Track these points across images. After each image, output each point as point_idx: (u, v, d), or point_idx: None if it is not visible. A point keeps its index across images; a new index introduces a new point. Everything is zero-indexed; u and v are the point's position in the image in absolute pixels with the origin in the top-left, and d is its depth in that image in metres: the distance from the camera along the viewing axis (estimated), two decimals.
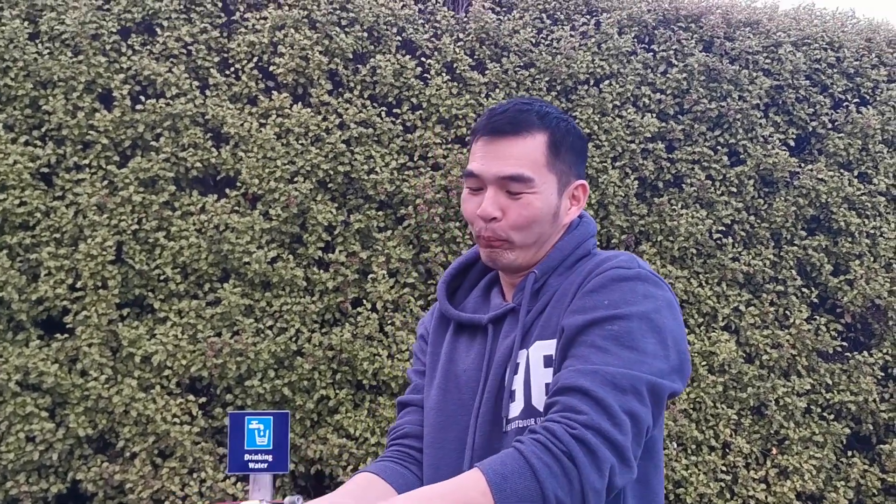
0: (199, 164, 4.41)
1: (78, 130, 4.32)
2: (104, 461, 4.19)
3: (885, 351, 5.14)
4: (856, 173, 5.26)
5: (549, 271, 1.36)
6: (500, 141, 1.33)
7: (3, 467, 4.04)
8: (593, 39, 5.03)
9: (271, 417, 3.20)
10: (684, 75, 5.04)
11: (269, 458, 3.20)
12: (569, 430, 1.12)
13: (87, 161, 4.34)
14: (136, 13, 4.49)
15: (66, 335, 4.20)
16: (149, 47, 4.50)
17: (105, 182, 4.34)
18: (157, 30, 4.51)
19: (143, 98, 4.41)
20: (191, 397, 4.28)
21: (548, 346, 1.30)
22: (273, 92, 4.58)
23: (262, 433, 3.21)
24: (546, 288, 1.35)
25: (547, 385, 1.28)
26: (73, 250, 4.25)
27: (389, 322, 4.53)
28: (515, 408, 1.31)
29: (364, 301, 4.53)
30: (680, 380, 1.24)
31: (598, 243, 4.82)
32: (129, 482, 4.12)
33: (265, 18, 4.64)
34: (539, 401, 1.28)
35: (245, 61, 4.59)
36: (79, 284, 4.21)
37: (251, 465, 3.18)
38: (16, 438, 4.03)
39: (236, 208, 4.46)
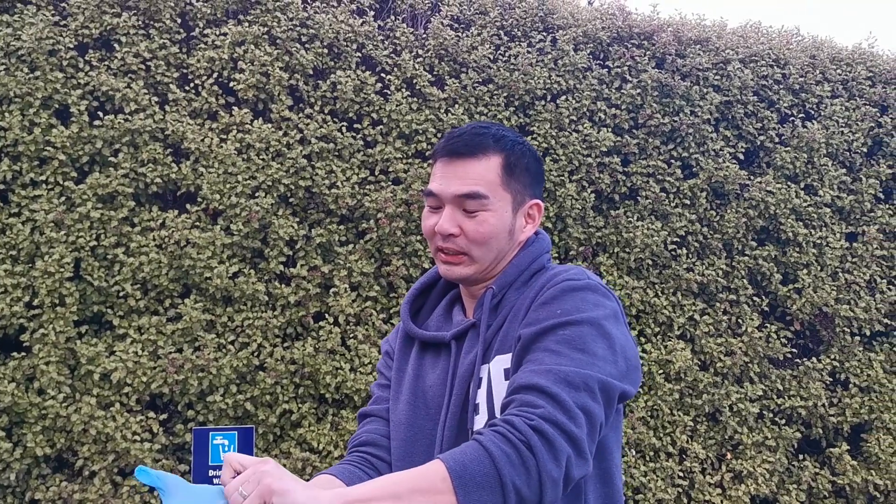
0: (158, 180, 4.39)
1: (34, 146, 4.26)
2: (63, 480, 4.11)
3: (832, 357, 5.31)
4: (802, 185, 5.44)
5: (506, 286, 1.43)
6: (457, 162, 1.42)
7: None
8: (550, 56, 5.13)
9: (236, 433, 3.20)
10: (638, 91, 5.17)
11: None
12: (527, 422, 1.18)
13: (43, 177, 4.29)
14: (94, 28, 4.46)
15: (22, 354, 4.14)
16: (107, 63, 4.47)
17: (62, 198, 4.29)
18: (115, 45, 4.49)
19: (101, 114, 4.38)
20: (151, 414, 4.24)
21: (506, 360, 1.36)
22: (233, 108, 4.58)
23: (226, 448, 3.21)
24: (504, 302, 1.42)
25: None
26: (30, 267, 4.19)
27: (352, 336, 4.55)
28: (480, 420, 1.37)
29: (326, 315, 4.54)
30: (630, 383, 1.31)
31: (555, 255, 4.92)
32: (89, 501, 4.06)
33: (225, 35, 4.64)
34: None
35: (205, 77, 4.59)
36: (36, 302, 4.15)
37: (216, 482, 3.17)
38: None
39: (197, 223, 4.45)
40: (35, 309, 4.16)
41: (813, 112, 5.60)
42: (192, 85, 4.61)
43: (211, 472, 3.19)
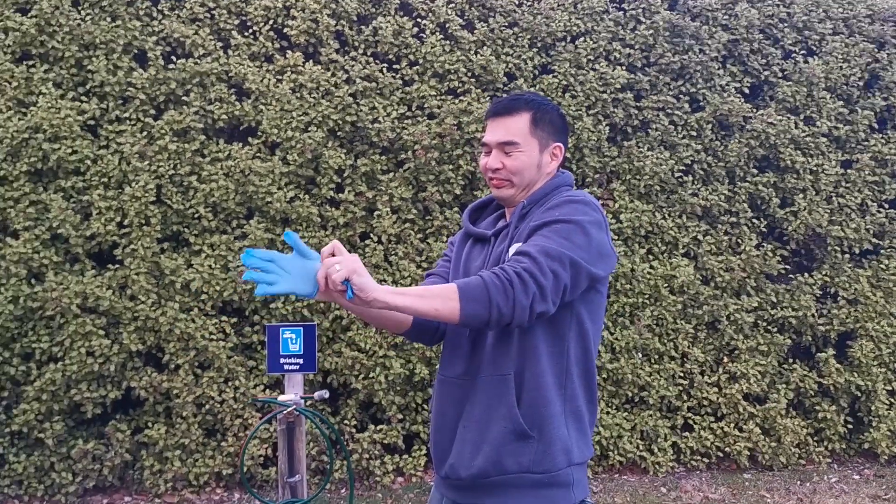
0: (224, 117, 5.02)
1: (118, 87, 4.90)
2: (153, 372, 4.86)
3: (824, 273, 5.86)
4: (801, 117, 5.90)
5: (533, 203, 2.04)
6: (498, 119, 2.05)
7: (68, 378, 4.68)
8: (570, 0, 5.61)
9: (301, 328, 3.86)
10: (651, 32, 5.64)
11: (301, 361, 3.87)
12: (513, 269, 1.80)
13: (127, 114, 4.93)
14: None
15: (116, 266, 4.84)
16: (177, 12, 5.06)
17: (143, 133, 4.94)
18: None
19: (173, 58, 4.99)
20: (224, 318, 4.95)
21: (520, 246, 2.00)
22: (287, 51, 5.16)
23: (293, 341, 3.88)
24: (530, 213, 2.04)
25: None
26: (120, 192, 4.87)
27: (393, 253, 5.21)
28: None
29: (371, 235, 5.19)
30: (599, 269, 1.91)
31: (575, 180, 5.47)
32: (176, 389, 4.81)
33: None
34: None
35: (262, 24, 5.16)
36: (126, 222, 4.83)
37: (286, 367, 3.85)
38: (78, 353, 4.66)
39: (258, 154, 5.08)
40: (125, 228, 4.84)
41: (815, 48, 6.02)
42: (250, 31, 5.19)
43: (282, 360, 3.89)
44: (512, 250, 1.98)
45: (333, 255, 1.69)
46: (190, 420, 4.83)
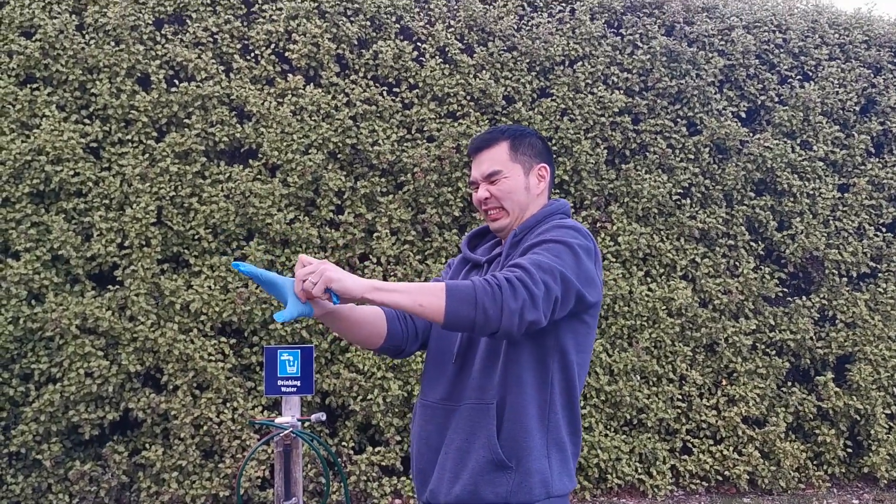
0: (225, 139, 5.07)
1: (121, 110, 4.95)
2: (151, 393, 4.85)
3: (821, 296, 5.88)
4: (798, 141, 5.95)
5: (525, 230, 2.06)
6: (479, 154, 2.11)
7: (66, 398, 4.68)
8: (568, 25, 5.67)
9: (299, 350, 3.87)
10: (648, 56, 5.70)
11: (298, 383, 3.88)
12: (504, 276, 1.80)
13: (129, 136, 4.98)
14: (169, 6, 5.11)
15: (116, 286, 4.86)
16: (180, 36, 5.12)
17: (145, 155, 4.98)
18: (187, 21, 5.14)
19: (176, 81, 5.05)
20: (223, 339, 4.97)
21: None
22: (288, 74, 5.22)
23: (291, 363, 3.89)
24: (523, 241, 2.06)
25: None
26: (121, 214, 4.90)
27: (392, 274, 5.23)
28: None
29: (370, 256, 5.22)
30: (587, 290, 1.90)
31: (572, 204, 5.52)
32: (174, 410, 4.81)
33: (280, 10, 5.26)
34: None
35: (264, 48, 5.22)
36: (126, 243, 4.86)
37: (283, 389, 3.86)
38: (76, 374, 4.66)
39: (258, 177, 5.12)
40: (125, 249, 4.87)
41: (811, 73, 6.08)
42: (252, 55, 5.25)
43: (279, 382, 3.90)
44: None
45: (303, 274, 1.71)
46: (187, 441, 4.82)
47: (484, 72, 5.46)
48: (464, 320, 1.73)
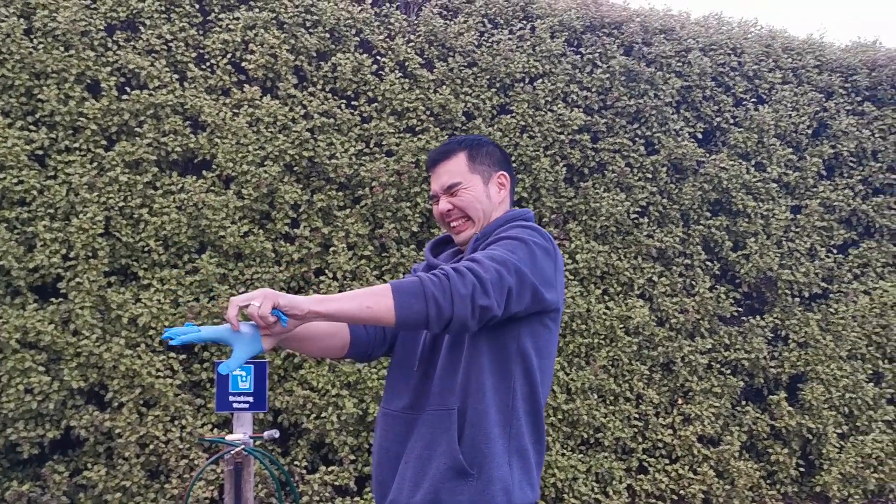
0: (178, 149, 4.94)
1: (69, 117, 4.79)
2: (95, 410, 4.67)
3: (775, 316, 5.95)
4: (753, 163, 6.03)
5: (487, 234, 2.02)
6: (437, 167, 2.09)
7: (4, 416, 4.48)
8: (529, 42, 5.68)
9: (252, 366, 3.77)
10: (607, 75, 5.74)
11: (251, 399, 3.77)
12: (452, 266, 1.77)
13: (77, 145, 4.82)
14: (121, 12, 4.98)
15: (59, 299, 4.68)
16: (133, 43, 4.99)
17: (94, 164, 4.83)
18: (141, 27, 5.01)
19: (127, 89, 4.91)
20: (172, 354, 4.81)
21: None
22: (245, 85, 5.12)
23: (244, 378, 3.78)
24: (481, 247, 2.02)
25: None
26: (66, 224, 4.73)
27: (348, 290, 5.14)
28: None
29: (326, 271, 5.12)
30: (543, 287, 1.85)
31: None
32: (118, 428, 4.63)
33: (238, 19, 5.17)
34: None
35: (220, 57, 5.11)
36: (72, 254, 4.69)
37: (235, 406, 3.74)
38: (16, 390, 4.46)
39: (212, 188, 5.00)
40: (71, 261, 4.70)
41: (765, 97, 6.18)
42: (208, 64, 5.14)
43: (231, 398, 3.78)
44: None
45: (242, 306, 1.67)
46: (132, 461, 4.65)
47: (444, 87, 5.43)
48: (415, 314, 1.68)
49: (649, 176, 5.79)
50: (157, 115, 4.94)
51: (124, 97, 4.88)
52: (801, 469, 5.85)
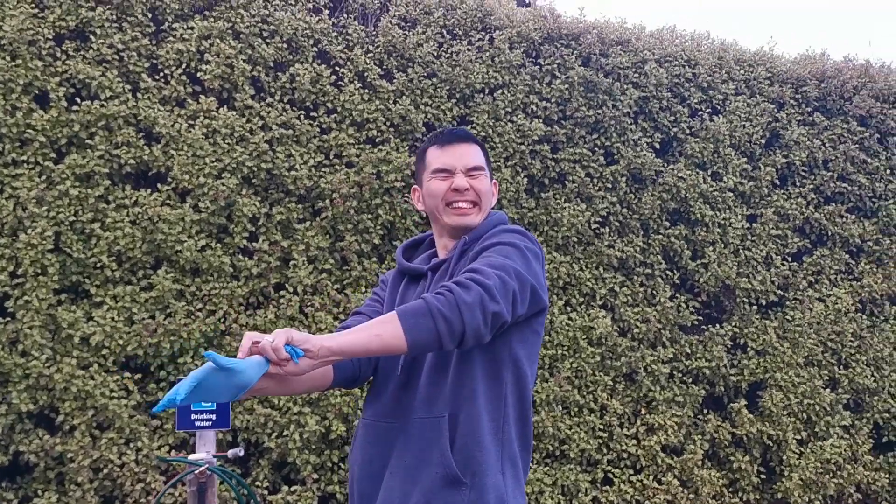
0: (132, 161, 4.78)
1: (16, 129, 4.61)
2: (45, 434, 4.47)
3: (733, 324, 6.01)
4: (709, 172, 6.11)
5: (474, 240, 1.97)
6: (461, 145, 2.03)
7: None
8: (487, 53, 5.68)
9: None
10: (566, 86, 5.76)
11: (213, 417, 3.65)
12: (453, 280, 1.72)
13: (24, 157, 4.63)
14: (71, 21, 4.82)
15: (7, 318, 4.49)
16: (82, 53, 4.84)
17: (42, 177, 4.65)
18: (91, 37, 4.85)
19: (78, 100, 4.75)
20: (127, 374, 4.64)
21: None
22: (200, 96, 5.00)
23: None
24: (469, 250, 1.97)
25: None
26: (13, 240, 4.54)
27: (309, 304, 5.02)
28: None
29: (286, 285, 5.01)
30: (540, 291, 1.84)
31: None
32: (70, 452, 4.43)
33: (192, 29, 5.05)
34: None
35: (174, 67, 4.98)
36: (19, 271, 4.49)
37: (197, 423, 3.62)
38: None
39: (167, 201, 4.86)
40: (18, 278, 4.51)
41: (719, 107, 6.28)
42: (161, 74, 5.01)
43: (193, 416, 3.64)
44: None
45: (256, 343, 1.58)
46: (85, 486, 4.46)
47: (404, 98, 5.38)
48: (426, 334, 1.62)
49: (609, 186, 5.82)
50: (108, 126, 4.79)
51: (74, 108, 4.73)
52: (763, 476, 5.89)
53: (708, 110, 6.19)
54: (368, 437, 1.92)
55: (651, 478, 5.57)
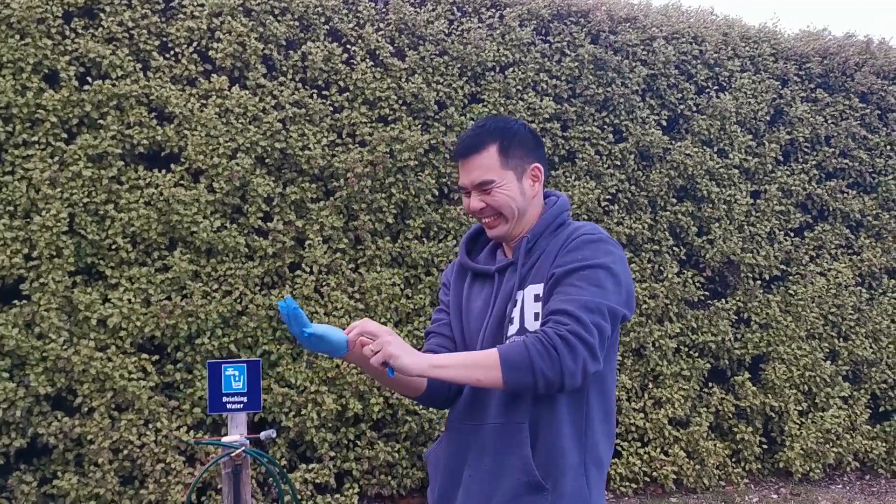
0: (144, 141, 4.73)
1: (26, 109, 4.52)
2: (63, 416, 4.46)
3: (737, 299, 6.10)
4: (715, 149, 6.16)
5: (538, 235, 1.95)
6: (467, 160, 1.96)
7: None
8: (498, 31, 5.65)
9: (245, 364, 3.64)
10: (576, 64, 5.75)
11: (245, 399, 3.65)
12: (557, 332, 1.71)
13: (35, 138, 4.56)
14: None
15: (23, 301, 4.45)
16: (92, 31, 4.75)
17: (55, 158, 4.58)
18: (100, 14, 4.76)
19: (88, 79, 4.67)
20: (145, 356, 4.63)
21: (538, 288, 1.89)
22: (212, 74, 4.93)
23: (237, 378, 3.65)
24: (536, 248, 1.94)
25: (536, 313, 1.86)
26: (28, 222, 4.48)
27: (324, 283, 5.03)
28: (512, 329, 1.89)
29: (301, 265, 5.00)
30: (628, 309, 1.84)
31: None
32: (90, 434, 4.43)
33: (202, 6, 4.96)
34: (530, 324, 1.86)
35: (185, 45, 4.91)
36: (34, 254, 4.45)
37: (229, 406, 3.61)
38: None
39: (181, 182, 4.81)
40: (33, 260, 4.46)
41: (725, 84, 6.31)
42: (172, 53, 4.93)
43: (224, 399, 3.64)
44: (529, 293, 1.89)
45: (362, 334, 1.72)
46: (105, 468, 4.47)
47: (415, 76, 5.35)
48: (524, 387, 1.73)
49: (618, 164, 5.85)
50: (120, 106, 4.72)
51: (85, 88, 4.65)
52: (765, 446, 6.02)
53: (714, 87, 6.22)
54: (450, 439, 1.96)
55: (658, 450, 5.67)
